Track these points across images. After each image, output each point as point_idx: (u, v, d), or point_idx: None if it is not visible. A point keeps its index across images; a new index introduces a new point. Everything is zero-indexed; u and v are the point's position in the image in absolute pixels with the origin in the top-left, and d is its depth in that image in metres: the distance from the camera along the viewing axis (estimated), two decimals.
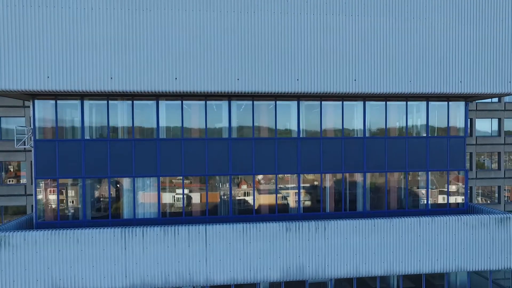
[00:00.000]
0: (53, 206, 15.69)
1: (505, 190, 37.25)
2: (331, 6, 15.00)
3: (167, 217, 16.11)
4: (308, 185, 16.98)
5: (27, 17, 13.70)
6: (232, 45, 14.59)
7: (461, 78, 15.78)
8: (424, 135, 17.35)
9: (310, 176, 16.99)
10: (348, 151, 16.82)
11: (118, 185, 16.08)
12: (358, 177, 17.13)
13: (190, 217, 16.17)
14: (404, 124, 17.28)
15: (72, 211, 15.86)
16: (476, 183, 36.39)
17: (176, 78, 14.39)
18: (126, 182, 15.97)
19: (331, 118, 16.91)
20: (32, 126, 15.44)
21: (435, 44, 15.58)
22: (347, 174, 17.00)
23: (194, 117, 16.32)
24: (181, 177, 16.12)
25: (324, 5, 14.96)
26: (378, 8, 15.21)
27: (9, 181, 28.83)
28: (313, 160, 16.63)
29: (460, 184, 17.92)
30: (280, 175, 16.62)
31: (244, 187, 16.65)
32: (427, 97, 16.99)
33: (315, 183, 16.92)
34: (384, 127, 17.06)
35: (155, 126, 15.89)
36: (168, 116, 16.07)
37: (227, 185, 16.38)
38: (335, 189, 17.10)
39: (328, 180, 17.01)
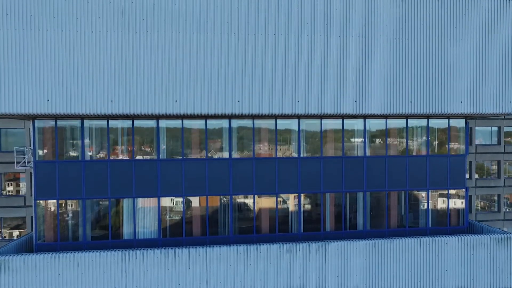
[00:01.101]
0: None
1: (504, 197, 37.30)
2: (330, 27, 14.99)
3: (168, 237, 16.07)
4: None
5: (26, 40, 13.66)
6: (233, 67, 14.57)
7: (462, 99, 15.78)
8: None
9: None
10: (348, 170, 16.80)
11: (118, 205, 16.04)
12: (359, 195, 17.11)
13: (190, 238, 16.13)
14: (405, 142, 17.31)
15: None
16: (476, 192, 36.42)
17: (176, 101, 14.37)
18: (126, 202, 15.92)
19: (332, 136, 16.90)
20: (32, 146, 15.40)
21: (435, 64, 15.58)
22: (348, 193, 16.97)
23: (195, 136, 16.30)
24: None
25: (323, 26, 14.94)
26: (378, 29, 15.20)
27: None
28: (313, 180, 16.60)
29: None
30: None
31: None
32: (428, 116, 16.96)
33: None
34: (385, 145, 17.06)
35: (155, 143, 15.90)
36: (168, 135, 16.07)
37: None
38: (335, 207, 17.07)
39: (329, 199, 16.97)
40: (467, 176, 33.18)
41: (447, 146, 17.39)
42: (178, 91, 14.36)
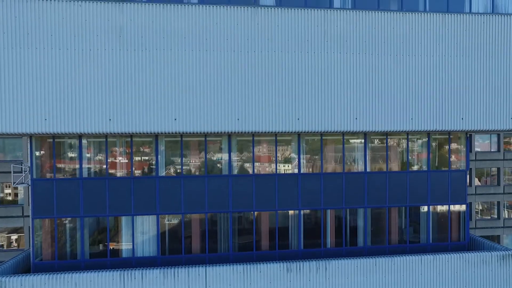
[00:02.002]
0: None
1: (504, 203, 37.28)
2: (330, 44, 14.86)
3: (167, 255, 15.91)
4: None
5: (23, 58, 13.49)
6: (232, 84, 14.44)
7: (463, 115, 15.67)
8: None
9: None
10: (349, 186, 16.67)
11: (117, 221, 15.91)
12: (359, 211, 16.97)
13: (189, 255, 15.97)
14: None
15: (70, 245, 15.65)
16: (475, 199, 36.38)
17: (175, 119, 14.23)
18: (125, 220, 15.76)
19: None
20: (29, 164, 15.24)
21: (436, 81, 15.46)
22: (348, 209, 16.86)
23: (194, 152, 16.18)
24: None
25: (323, 43, 14.81)
26: (378, 46, 15.08)
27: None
28: (313, 196, 16.47)
29: None
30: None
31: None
32: (428, 131, 16.84)
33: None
34: (385, 161, 16.94)
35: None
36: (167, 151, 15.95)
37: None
38: (336, 222, 16.94)
39: (329, 214, 16.85)
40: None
41: (447, 156, 17.28)
42: (177, 109, 14.21)
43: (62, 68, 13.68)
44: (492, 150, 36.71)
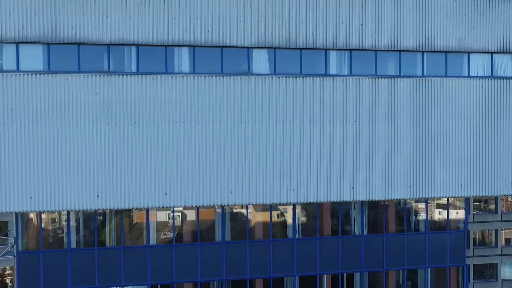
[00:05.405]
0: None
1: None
2: (326, 111, 14.46)
3: None
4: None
5: (7, 135, 12.97)
6: (225, 156, 14.00)
7: (462, 181, 15.31)
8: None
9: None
10: (345, 250, 16.26)
11: None
12: (356, 274, 16.59)
13: None
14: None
15: None
16: (473, 227, 36.08)
17: (166, 194, 13.77)
18: None
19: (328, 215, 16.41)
20: (15, 235, 14.73)
21: (434, 147, 15.09)
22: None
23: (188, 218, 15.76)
24: None
25: (319, 111, 14.41)
26: (375, 113, 14.70)
27: None
28: (309, 260, 16.05)
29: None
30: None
31: None
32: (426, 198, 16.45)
33: None
34: (383, 224, 16.57)
35: None
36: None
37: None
38: (332, 284, 16.56)
39: (325, 277, 16.45)
40: None
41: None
42: (168, 184, 13.75)
43: (48, 144, 13.17)
44: None
